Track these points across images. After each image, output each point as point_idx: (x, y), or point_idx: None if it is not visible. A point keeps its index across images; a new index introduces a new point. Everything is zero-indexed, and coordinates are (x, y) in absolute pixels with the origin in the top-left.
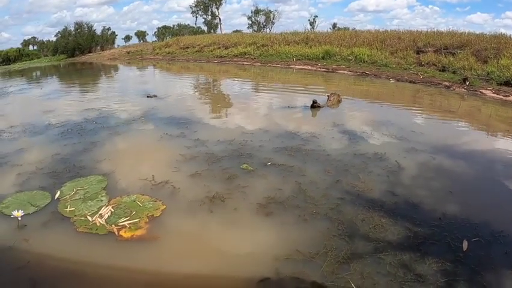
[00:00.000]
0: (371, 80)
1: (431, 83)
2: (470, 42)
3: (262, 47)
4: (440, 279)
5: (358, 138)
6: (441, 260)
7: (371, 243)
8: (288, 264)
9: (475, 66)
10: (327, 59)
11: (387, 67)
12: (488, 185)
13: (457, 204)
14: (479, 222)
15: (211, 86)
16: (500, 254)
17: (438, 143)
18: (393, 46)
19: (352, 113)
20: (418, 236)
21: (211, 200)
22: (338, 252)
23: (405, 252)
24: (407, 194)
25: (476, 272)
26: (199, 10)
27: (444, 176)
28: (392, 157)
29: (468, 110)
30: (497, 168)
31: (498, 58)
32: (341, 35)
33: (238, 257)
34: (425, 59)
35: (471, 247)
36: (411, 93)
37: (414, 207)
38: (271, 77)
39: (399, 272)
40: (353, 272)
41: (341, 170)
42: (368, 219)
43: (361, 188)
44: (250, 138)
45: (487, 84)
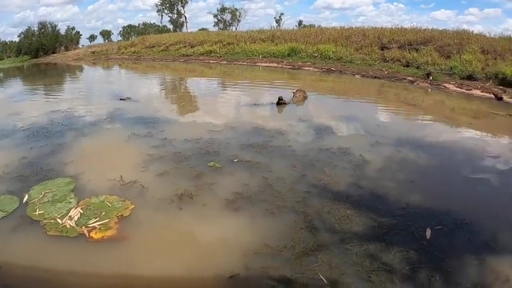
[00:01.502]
0: (337, 76)
1: (396, 78)
2: (433, 38)
3: (228, 45)
4: (406, 267)
5: (323, 133)
6: (406, 248)
7: (338, 234)
8: (257, 259)
9: (438, 61)
10: (292, 56)
11: (352, 63)
12: (450, 176)
13: (420, 195)
14: (442, 211)
15: (178, 85)
16: (463, 241)
17: (402, 136)
18: (358, 43)
19: (317, 109)
20: (383, 226)
21: (180, 198)
22: (305, 244)
23: (370, 242)
24: (371, 186)
25: (440, 259)
26: (164, 8)
27: (408, 167)
28: (356, 151)
29: (432, 103)
30: (459, 159)
31: (461, 53)
32: (307, 32)
33: (208, 254)
34: (390, 55)
35: (434, 235)
36: (376, 88)
37: (378, 199)
38: (238, 75)
39: (366, 262)
40: (321, 263)
41: (306, 165)
42: (334, 211)
43: (327, 182)
44: (217, 136)
45: (450, 78)
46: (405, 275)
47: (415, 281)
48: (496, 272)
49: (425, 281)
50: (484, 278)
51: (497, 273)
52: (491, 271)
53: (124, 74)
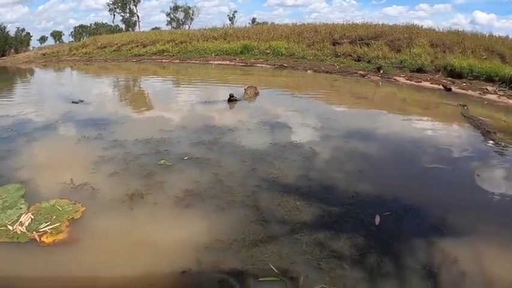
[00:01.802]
0: (289, 72)
1: (347, 72)
2: (384, 33)
3: (180, 43)
4: (355, 253)
5: (274, 128)
6: (355, 235)
7: (287, 225)
8: (208, 253)
9: (388, 55)
10: (245, 53)
11: (304, 59)
12: (399, 164)
13: (369, 184)
14: (391, 198)
15: (130, 85)
16: (412, 226)
17: (352, 129)
18: (310, 39)
19: (268, 104)
20: (332, 215)
21: (131, 198)
22: (255, 236)
23: (320, 231)
24: (321, 177)
25: (389, 243)
26: (116, 8)
27: (357, 158)
28: (306, 144)
29: (383, 96)
30: (408, 148)
31: (410, 47)
32: (259, 29)
33: (160, 251)
34: (341, 50)
35: (383, 221)
36: (328, 83)
37: (328, 189)
38: (191, 74)
39: (316, 250)
40: (271, 254)
41: (256, 159)
42: (284, 203)
43: (276, 175)
44: (168, 134)
45: (400, 71)
46: (355, 260)
47: (365, 265)
48: (444, 254)
49: (375, 265)
50: (432, 260)
51: (445, 255)
52: (440, 253)
53: (75, 76)
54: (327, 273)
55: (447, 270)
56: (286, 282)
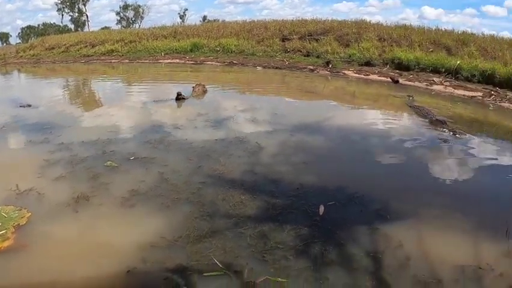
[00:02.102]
0: (239, 69)
1: (297, 67)
2: (333, 28)
3: (130, 43)
4: (299, 243)
5: (221, 124)
6: (299, 226)
7: (232, 219)
8: (153, 251)
9: (337, 50)
10: (195, 52)
11: (254, 55)
12: (344, 154)
13: (314, 175)
14: (336, 188)
15: (78, 87)
16: (355, 213)
17: (300, 122)
18: (260, 35)
19: (216, 102)
20: (277, 207)
21: (76, 201)
22: (200, 232)
23: (264, 224)
24: (266, 171)
25: (333, 231)
26: (65, 7)
27: (302, 151)
28: (253, 139)
29: (332, 89)
30: (354, 138)
31: (359, 42)
32: (209, 27)
33: (105, 252)
34: (291, 46)
35: (327, 211)
36: (277, 78)
37: (273, 182)
38: (140, 73)
39: (260, 243)
40: (216, 249)
41: (202, 157)
42: (229, 198)
43: (222, 171)
44: (115, 135)
45: (349, 65)
46: (299, 250)
47: (309, 255)
48: (388, 239)
49: (318, 254)
50: (376, 245)
51: (389, 240)
52: (383, 238)
53: (23, 79)
54: (271, 265)
55: (391, 255)
56: (231, 276)
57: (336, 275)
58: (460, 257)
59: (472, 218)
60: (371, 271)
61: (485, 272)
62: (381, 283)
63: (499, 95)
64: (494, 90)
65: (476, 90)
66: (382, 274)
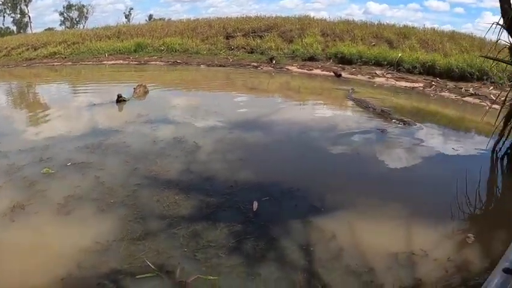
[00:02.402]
0: (183, 68)
1: (240, 65)
2: (277, 24)
3: (73, 44)
4: (232, 240)
5: (160, 125)
6: (232, 223)
7: (165, 220)
8: (88, 257)
9: (281, 46)
10: (139, 52)
11: (198, 54)
12: (282, 149)
13: (249, 171)
14: (271, 183)
15: (18, 93)
16: (289, 208)
17: (240, 119)
18: (204, 33)
19: (158, 102)
20: (210, 205)
21: (12, 210)
22: (133, 235)
23: (197, 223)
24: (202, 170)
25: (266, 227)
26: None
27: (239, 147)
28: (190, 138)
29: (275, 85)
30: (293, 132)
31: (302, 37)
32: (153, 26)
33: (40, 260)
34: (235, 43)
35: (261, 206)
36: (221, 76)
37: (208, 180)
38: (83, 76)
39: (192, 242)
40: (148, 251)
41: (139, 158)
42: (163, 199)
43: (157, 172)
44: (53, 141)
45: (293, 61)
46: (231, 248)
47: (241, 252)
48: (322, 232)
49: (251, 250)
50: (310, 238)
51: (323, 233)
52: (317, 231)
53: None
54: (203, 264)
55: (324, 248)
56: (163, 277)
57: (268, 270)
58: (394, 245)
59: (408, 205)
60: (303, 264)
61: (419, 258)
62: (313, 276)
63: (439, 85)
64: (434, 80)
65: (417, 81)
66: (314, 267)
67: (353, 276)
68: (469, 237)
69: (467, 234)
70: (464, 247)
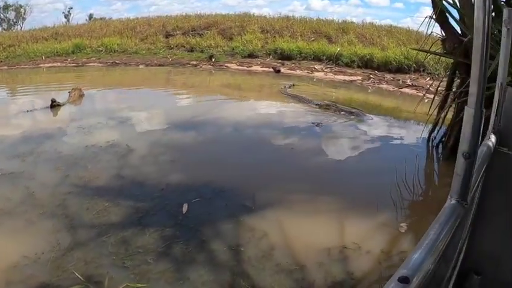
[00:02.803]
0: (121, 69)
1: (180, 63)
2: (216, 22)
3: (9, 47)
4: (161, 245)
5: (93, 129)
6: (162, 227)
7: (95, 229)
8: (16, 272)
9: (221, 43)
10: (77, 53)
11: (137, 54)
12: (215, 149)
13: (181, 173)
14: (202, 184)
15: None
16: (220, 208)
17: (175, 120)
18: (144, 32)
19: (93, 106)
20: (140, 210)
21: None
22: (62, 246)
23: (127, 229)
24: (133, 174)
25: (195, 229)
26: None
27: (172, 149)
28: (124, 142)
29: (214, 83)
30: (228, 131)
31: (242, 34)
32: (91, 26)
33: None
34: (174, 42)
35: (191, 209)
36: (160, 76)
37: (139, 185)
38: (19, 80)
39: (121, 249)
40: (77, 261)
41: (71, 165)
42: (93, 206)
43: (89, 178)
44: None
45: (232, 58)
46: (160, 253)
47: (170, 256)
48: (252, 231)
49: (180, 254)
50: (240, 238)
51: (253, 232)
52: (247, 231)
53: None
54: (132, 271)
55: (254, 247)
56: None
57: (197, 273)
58: (326, 240)
59: (341, 198)
60: (232, 265)
61: (351, 252)
62: (243, 277)
63: (377, 78)
64: (372, 73)
65: (355, 75)
66: (244, 267)
67: (284, 274)
68: (402, 227)
69: (400, 223)
70: (397, 237)
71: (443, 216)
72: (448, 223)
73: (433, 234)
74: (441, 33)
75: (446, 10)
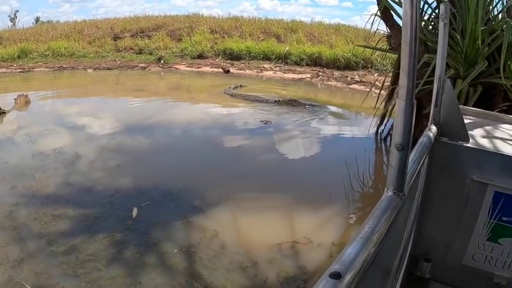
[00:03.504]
0: (70, 73)
1: (128, 66)
2: (165, 24)
3: None
4: (111, 251)
5: (40, 137)
6: (112, 233)
7: (44, 239)
8: None
9: (170, 45)
10: (23, 58)
11: (85, 57)
12: (164, 151)
13: (130, 177)
14: (151, 187)
15: None
16: (170, 210)
17: (123, 124)
18: (92, 35)
19: (40, 112)
20: (90, 217)
21: None
22: (11, 258)
23: (77, 237)
24: (82, 181)
25: (146, 233)
26: None
27: (121, 153)
28: (71, 149)
29: (163, 85)
30: (177, 133)
31: (191, 35)
32: (38, 30)
33: None
34: (123, 45)
35: (141, 212)
36: (109, 80)
37: (88, 191)
38: None
39: (72, 258)
40: (27, 274)
41: (17, 175)
42: (41, 216)
43: (36, 188)
44: None
45: (182, 59)
46: (111, 258)
47: (121, 261)
48: (203, 231)
49: (131, 259)
50: (191, 239)
51: (204, 232)
52: (198, 231)
53: None
54: (83, 279)
55: (206, 247)
56: None
57: (149, 277)
58: (278, 236)
59: (291, 193)
60: (184, 267)
61: (303, 246)
62: (195, 277)
63: (325, 75)
64: (321, 71)
65: (304, 73)
66: (196, 268)
67: (236, 272)
68: (351, 218)
69: (349, 215)
70: (347, 229)
71: (379, 208)
72: (384, 215)
73: (368, 228)
74: (387, 30)
75: (390, 7)
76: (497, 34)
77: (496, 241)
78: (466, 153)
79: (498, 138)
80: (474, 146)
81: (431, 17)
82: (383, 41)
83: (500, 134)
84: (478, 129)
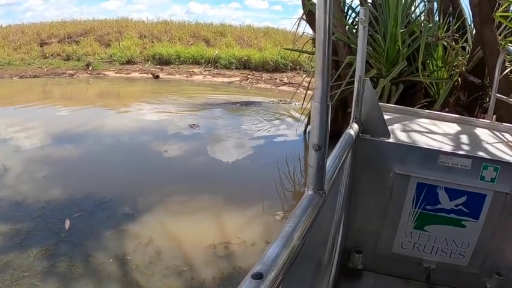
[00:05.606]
0: None
1: (56, 73)
2: (93, 28)
3: None
4: (46, 265)
5: None
6: (46, 246)
7: None
8: None
9: (98, 51)
10: None
11: (11, 65)
12: (93, 160)
13: (62, 188)
14: (83, 197)
15: None
16: (102, 220)
17: (52, 134)
18: (17, 41)
19: None
20: (21, 232)
21: None
22: None
23: (9, 253)
24: (11, 194)
25: (80, 244)
26: None
27: (50, 164)
28: None
29: (92, 93)
30: (106, 141)
31: (120, 41)
32: None
33: None
34: (50, 51)
35: (74, 224)
36: (36, 88)
37: (18, 205)
38: None
39: (6, 275)
40: None
41: None
42: None
43: None
44: None
45: (110, 65)
46: (47, 272)
47: (57, 274)
48: (137, 237)
49: (67, 271)
50: (126, 247)
51: (139, 238)
52: (133, 238)
53: None
54: None
55: (141, 254)
56: None
57: None
58: (212, 238)
59: (222, 196)
60: (120, 275)
61: (237, 246)
62: (132, 285)
63: (255, 78)
64: (250, 74)
65: (234, 76)
66: (132, 275)
67: (173, 276)
68: (278, 214)
69: (276, 212)
70: (275, 225)
71: (300, 208)
72: (305, 213)
73: (288, 227)
74: (313, 33)
75: (314, 11)
76: (416, 35)
77: (422, 228)
78: (387, 148)
79: (417, 132)
80: (395, 141)
81: (354, 21)
82: (309, 43)
83: (419, 128)
84: (398, 124)
